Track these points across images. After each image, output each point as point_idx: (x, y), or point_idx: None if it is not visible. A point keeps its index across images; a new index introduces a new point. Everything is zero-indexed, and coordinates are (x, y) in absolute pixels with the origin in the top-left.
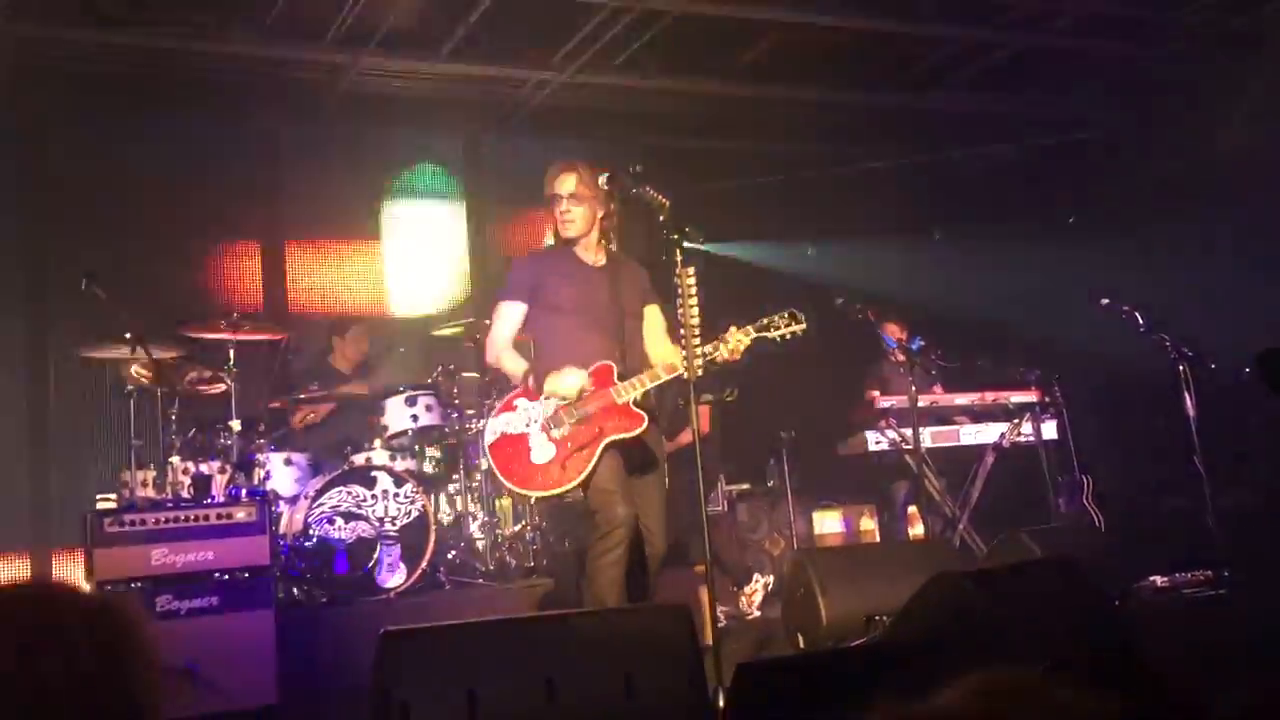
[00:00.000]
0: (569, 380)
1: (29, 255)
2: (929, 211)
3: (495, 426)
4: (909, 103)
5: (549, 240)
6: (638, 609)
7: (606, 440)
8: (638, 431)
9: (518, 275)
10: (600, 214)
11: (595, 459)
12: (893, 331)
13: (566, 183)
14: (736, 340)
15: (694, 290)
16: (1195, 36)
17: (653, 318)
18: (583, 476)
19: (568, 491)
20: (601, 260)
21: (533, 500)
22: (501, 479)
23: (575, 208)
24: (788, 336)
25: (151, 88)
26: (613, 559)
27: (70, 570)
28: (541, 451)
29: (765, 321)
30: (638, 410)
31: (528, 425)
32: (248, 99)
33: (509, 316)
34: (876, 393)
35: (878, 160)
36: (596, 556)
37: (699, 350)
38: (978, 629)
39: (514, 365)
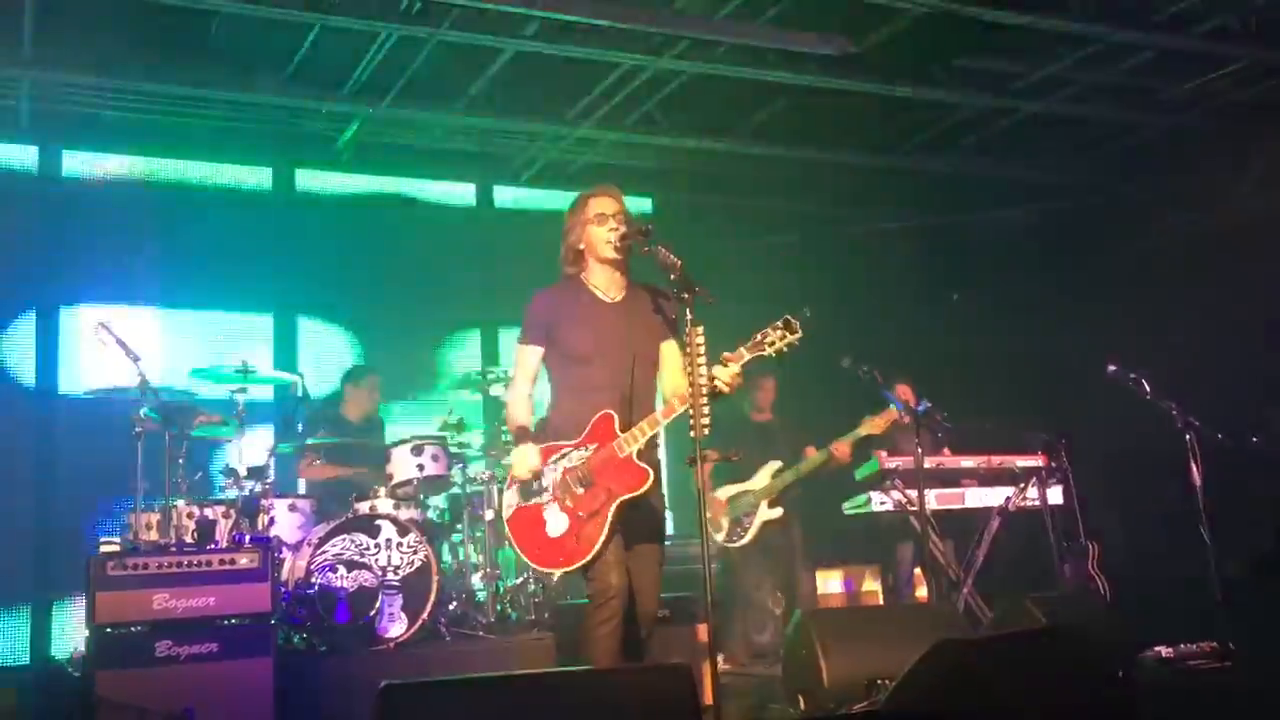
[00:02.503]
0: (523, 459)
1: (40, 297)
2: (937, 273)
3: (510, 499)
4: (919, 166)
5: (568, 269)
6: (638, 668)
7: (617, 503)
8: (645, 489)
9: (533, 315)
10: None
11: (608, 525)
12: (902, 393)
13: (611, 203)
14: (728, 372)
15: (703, 350)
16: (1203, 107)
17: (668, 355)
18: (599, 546)
19: (587, 564)
20: (619, 295)
21: (555, 577)
22: (524, 558)
23: (622, 227)
24: (784, 350)
25: (170, 131)
26: (608, 630)
27: (72, 612)
28: (556, 524)
29: (759, 339)
30: (642, 465)
31: (540, 495)
32: (268, 145)
33: (526, 362)
34: (884, 453)
35: (887, 221)
36: (591, 627)
37: (705, 403)
38: (980, 699)
39: (515, 415)
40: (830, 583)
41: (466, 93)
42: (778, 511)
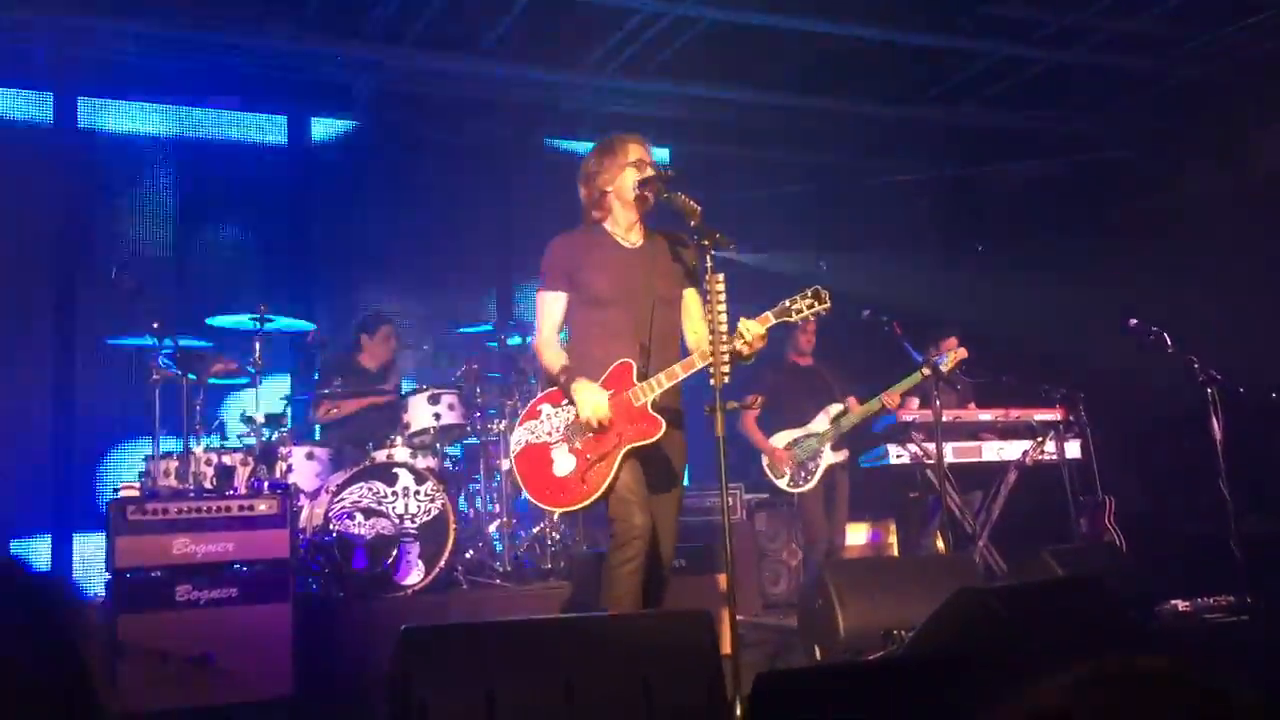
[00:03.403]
0: (591, 401)
1: (58, 243)
2: (958, 226)
3: (520, 436)
4: (941, 116)
5: (595, 212)
6: (659, 614)
7: (625, 449)
8: (655, 438)
9: (553, 262)
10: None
11: (614, 470)
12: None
13: (641, 150)
14: (752, 331)
15: (723, 297)
16: (1229, 59)
17: (691, 303)
18: (603, 490)
19: (589, 506)
20: (640, 241)
21: (555, 515)
22: (526, 493)
23: (646, 172)
24: (811, 317)
25: (186, 77)
26: (630, 569)
27: (91, 556)
28: (563, 463)
29: (786, 304)
30: (655, 414)
31: (550, 435)
32: (284, 92)
33: (551, 308)
34: (916, 402)
35: (907, 173)
36: (614, 566)
37: (725, 353)
38: (1003, 646)
39: (552, 359)
40: (848, 534)
41: (481, 41)
42: (843, 454)
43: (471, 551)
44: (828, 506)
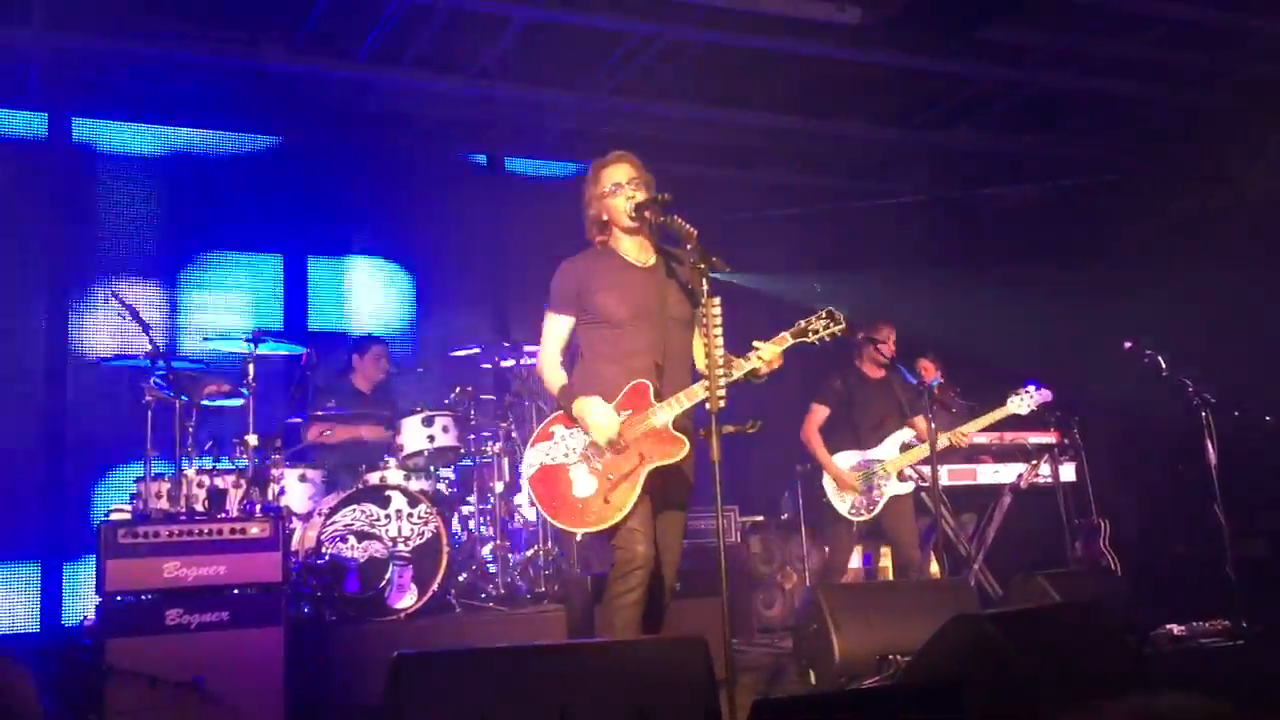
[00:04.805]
0: (601, 420)
1: (51, 265)
2: (951, 249)
3: (533, 458)
4: (933, 140)
5: (599, 237)
6: (654, 640)
7: (649, 468)
8: (679, 458)
9: (561, 284)
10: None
11: (639, 490)
12: (924, 367)
13: (626, 169)
14: (772, 351)
15: (719, 321)
16: (1221, 83)
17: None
18: (628, 509)
19: (615, 526)
20: (651, 259)
21: (579, 537)
22: (545, 515)
23: (638, 194)
24: (827, 338)
25: (179, 98)
26: (632, 599)
27: (82, 579)
28: (583, 484)
29: (803, 325)
30: (678, 434)
31: (566, 455)
32: (277, 113)
33: (555, 330)
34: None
35: (902, 196)
36: (615, 596)
37: (729, 369)
38: (1000, 672)
39: (552, 379)
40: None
41: (478, 62)
42: (908, 486)
43: (465, 575)
44: (888, 540)
